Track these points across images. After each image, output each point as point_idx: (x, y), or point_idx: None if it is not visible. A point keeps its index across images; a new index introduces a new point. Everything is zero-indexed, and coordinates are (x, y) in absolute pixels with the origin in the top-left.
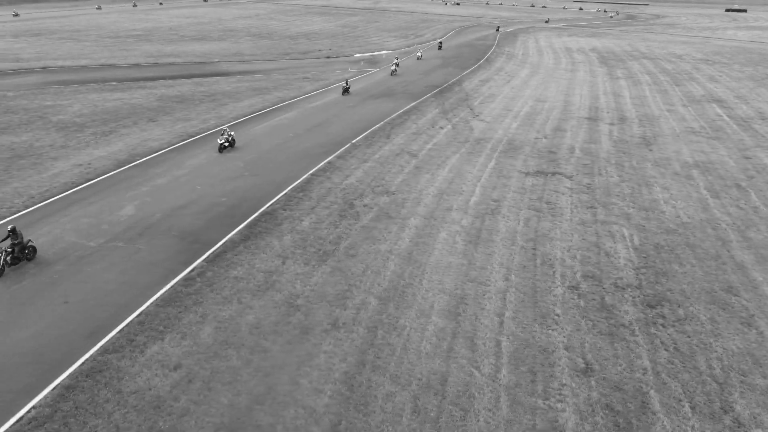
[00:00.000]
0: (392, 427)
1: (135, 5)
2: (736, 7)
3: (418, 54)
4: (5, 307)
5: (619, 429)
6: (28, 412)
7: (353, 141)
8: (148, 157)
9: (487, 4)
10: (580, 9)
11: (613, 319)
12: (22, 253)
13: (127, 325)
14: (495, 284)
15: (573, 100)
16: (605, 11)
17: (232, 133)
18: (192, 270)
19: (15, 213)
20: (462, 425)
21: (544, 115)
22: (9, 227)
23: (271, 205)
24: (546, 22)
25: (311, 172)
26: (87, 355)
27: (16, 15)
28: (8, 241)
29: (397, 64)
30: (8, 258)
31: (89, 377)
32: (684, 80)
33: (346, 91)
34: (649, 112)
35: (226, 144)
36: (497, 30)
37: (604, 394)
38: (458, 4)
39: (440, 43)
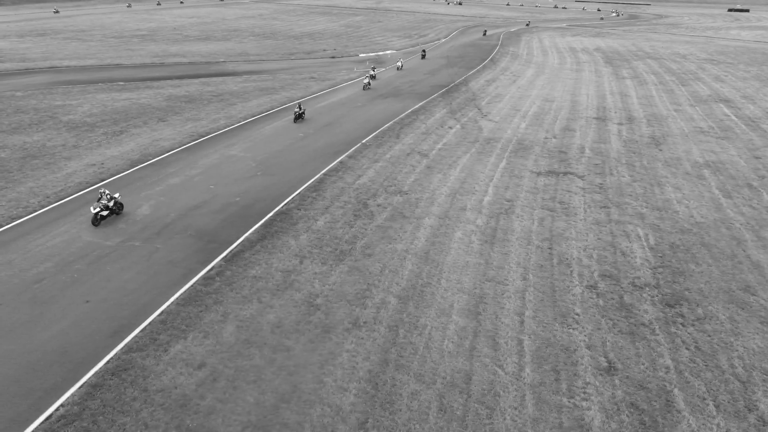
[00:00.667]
0: (419, 426)
1: (159, 3)
2: (738, 6)
3: (398, 64)
4: (27, 306)
5: (645, 427)
6: (57, 410)
7: (364, 141)
8: (160, 157)
9: (508, 5)
10: (598, 10)
11: (632, 318)
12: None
13: (149, 324)
14: (513, 283)
15: (580, 100)
16: (616, 12)
17: (117, 195)
18: (211, 269)
19: (31, 212)
20: (489, 423)
21: (552, 114)
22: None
23: (285, 204)
24: (527, 25)
25: (323, 171)
26: (111, 354)
27: (57, 12)
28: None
29: (373, 76)
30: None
31: (115, 375)
32: (690, 80)
33: (299, 117)
34: (656, 112)
35: (105, 213)
36: (484, 34)
37: (628, 392)
38: (460, 3)
39: (423, 51)
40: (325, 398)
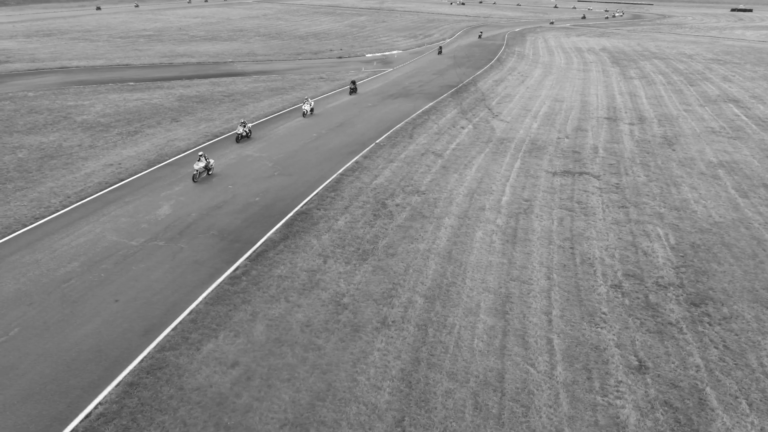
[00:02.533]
0: (456, 424)
1: (189, 1)
2: (741, 6)
3: (305, 108)
4: (58, 305)
5: (681, 425)
6: (96, 408)
7: (377, 141)
8: (176, 157)
9: (539, 5)
10: (598, 9)
11: (659, 318)
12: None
13: (180, 323)
14: (538, 283)
15: (590, 100)
16: (621, 13)
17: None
18: (236, 269)
19: (53, 212)
20: (525, 421)
21: (563, 114)
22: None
23: (305, 204)
24: (479, 37)
25: (340, 171)
26: (145, 352)
27: (137, 6)
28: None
29: (245, 134)
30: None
31: (150, 374)
32: (698, 80)
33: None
34: (667, 112)
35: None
36: (439, 51)
37: (661, 391)
38: (463, 3)
39: (353, 83)
40: (360, 396)
